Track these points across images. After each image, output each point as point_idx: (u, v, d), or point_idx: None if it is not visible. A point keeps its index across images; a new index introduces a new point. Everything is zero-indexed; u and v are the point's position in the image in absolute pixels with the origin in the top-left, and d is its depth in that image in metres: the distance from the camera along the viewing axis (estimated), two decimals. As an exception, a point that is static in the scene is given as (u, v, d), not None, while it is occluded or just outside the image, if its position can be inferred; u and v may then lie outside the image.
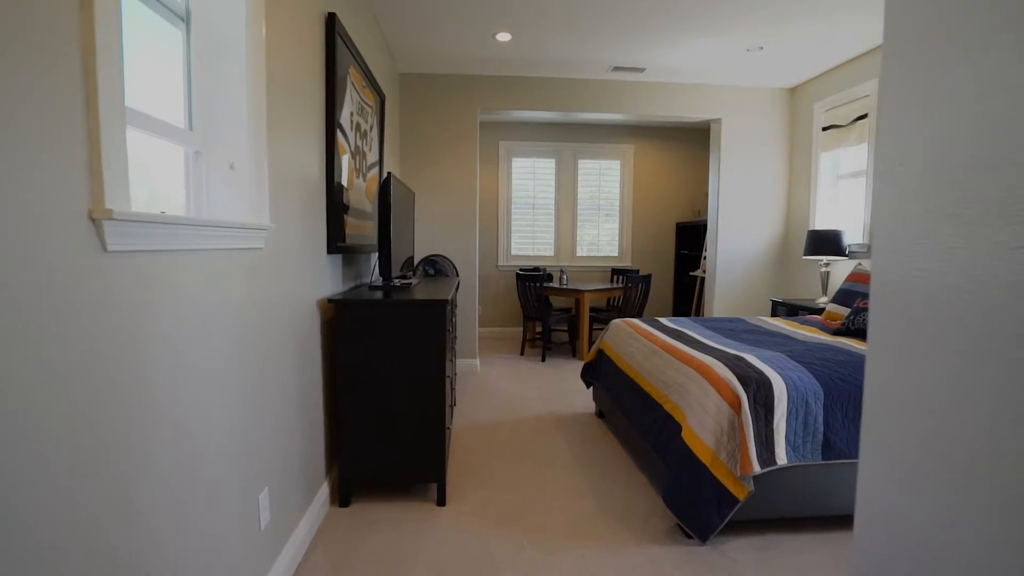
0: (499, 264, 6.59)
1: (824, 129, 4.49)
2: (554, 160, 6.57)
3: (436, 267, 4.34)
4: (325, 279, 2.34)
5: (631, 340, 3.01)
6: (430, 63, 4.35)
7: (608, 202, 6.70)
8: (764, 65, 4.29)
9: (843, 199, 4.42)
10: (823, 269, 4.14)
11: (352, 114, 2.72)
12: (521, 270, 5.99)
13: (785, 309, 4.28)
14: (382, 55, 3.70)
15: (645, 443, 2.53)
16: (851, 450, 2.08)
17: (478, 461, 2.83)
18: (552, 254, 6.69)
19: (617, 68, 4.41)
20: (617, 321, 3.40)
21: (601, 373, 3.33)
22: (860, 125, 4.09)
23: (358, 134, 2.90)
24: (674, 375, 2.34)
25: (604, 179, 6.67)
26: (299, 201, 1.99)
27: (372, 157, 3.31)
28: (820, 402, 2.06)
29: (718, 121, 4.91)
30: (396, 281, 2.89)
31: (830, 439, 2.07)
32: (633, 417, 2.68)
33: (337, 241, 2.45)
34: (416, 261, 4.55)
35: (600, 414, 3.56)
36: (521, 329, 6.59)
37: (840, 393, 2.07)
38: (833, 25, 3.52)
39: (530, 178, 6.58)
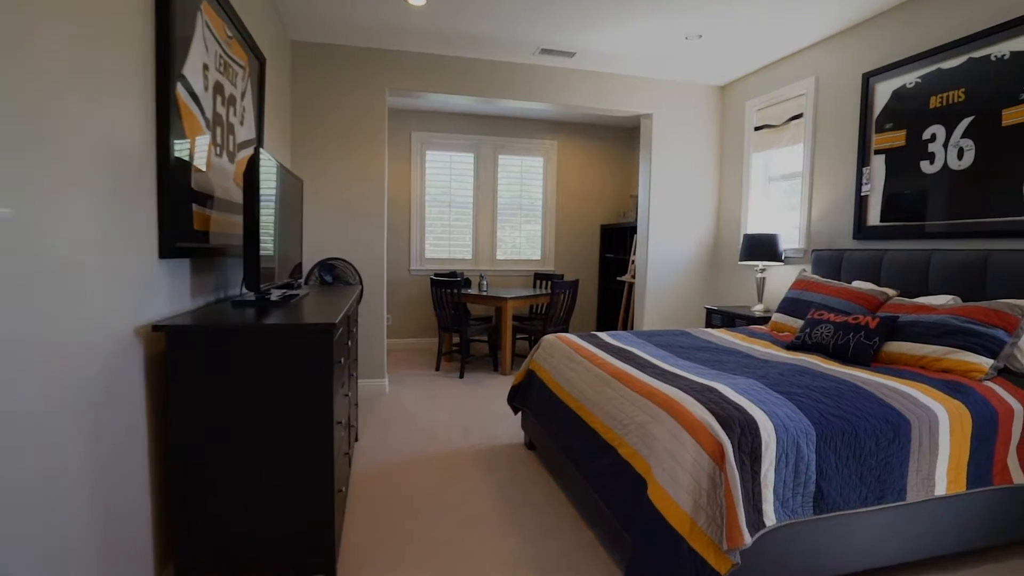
0: (412, 268, 5.93)
1: (756, 129, 4.30)
2: (473, 155, 6.03)
3: (335, 273, 3.64)
4: (155, 295, 1.63)
5: (569, 362, 2.53)
6: (330, 31, 3.65)
7: (530, 202, 6.27)
8: (699, 58, 4.01)
9: (774, 201, 4.25)
10: (759, 275, 3.93)
11: (207, 68, 2.01)
12: (436, 275, 5.38)
13: (721, 318, 4.03)
14: (264, 11, 2.97)
15: (593, 493, 2.04)
16: (846, 500, 1.71)
17: (383, 523, 2.22)
18: (470, 257, 6.14)
19: (545, 51, 3.95)
20: (550, 338, 2.91)
21: (532, 398, 2.82)
22: (795, 125, 3.92)
23: (220, 99, 2.19)
24: (632, 412, 1.87)
25: (526, 177, 6.22)
26: (95, 178, 1.29)
27: (245, 134, 2.59)
28: (812, 444, 1.67)
29: (649, 116, 4.60)
30: (276, 294, 2.21)
31: (823, 489, 1.68)
32: (576, 458, 2.19)
33: (179, 240, 1.75)
34: (309, 267, 3.82)
35: (530, 445, 3.06)
36: (436, 340, 5.97)
37: (833, 432, 1.70)
38: (775, 16, 3.27)
39: (446, 173, 5.99)
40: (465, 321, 4.80)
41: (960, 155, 2.80)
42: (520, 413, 3.15)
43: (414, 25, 3.55)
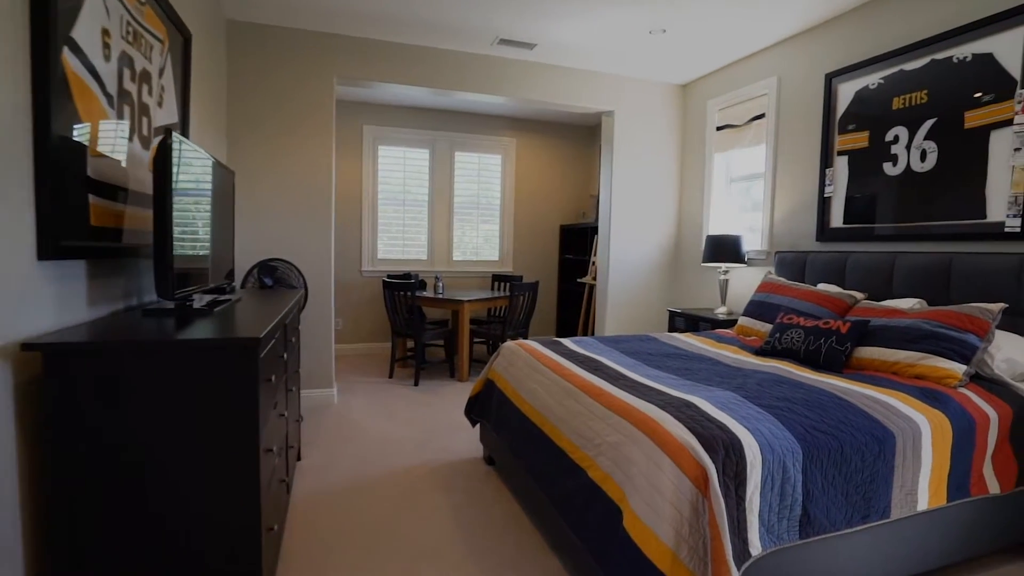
0: (364, 269, 5.62)
1: (718, 129, 4.25)
2: (428, 151, 5.77)
3: (276, 276, 3.33)
4: (32, 305, 1.33)
5: (532, 372, 2.33)
6: (271, 10, 3.33)
7: (488, 200, 6.06)
8: (661, 54, 3.91)
9: (736, 202, 4.20)
10: (722, 277, 3.86)
11: (108, 35, 1.71)
12: (389, 277, 5.10)
13: (684, 321, 3.94)
14: (188, -20, 2.64)
15: (560, 518, 1.86)
16: (832, 521, 1.58)
17: (326, 562, 1.96)
18: (426, 258, 5.88)
19: (505, 41, 3.76)
20: (510, 345, 2.71)
21: (492, 410, 2.62)
22: (757, 125, 3.87)
23: (129, 74, 1.88)
24: (603, 430, 1.69)
25: (484, 175, 6.01)
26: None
27: (165, 117, 2.27)
28: (799, 463, 1.53)
29: (611, 114, 4.48)
30: (201, 300, 1.92)
31: (809, 511, 1.55)
32: (541, 478, 2.00)
33: (67, 238, 1.45)
34: (247, 269, 3.49)
35: (490, 460, 2.85)
36: (390, 345, 5.68)
37: (820, 448, 1.57)
38: (739, 13, 3.18)
39: (400, 170, 5.71)
40: (420, 325, 4.55)
41: (923, 157, 2.78)
42: (479, 425, 2.94)
43: (365, 8, 3.28)
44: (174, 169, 1.55)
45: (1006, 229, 2.45)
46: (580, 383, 1.99)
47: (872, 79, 3.03)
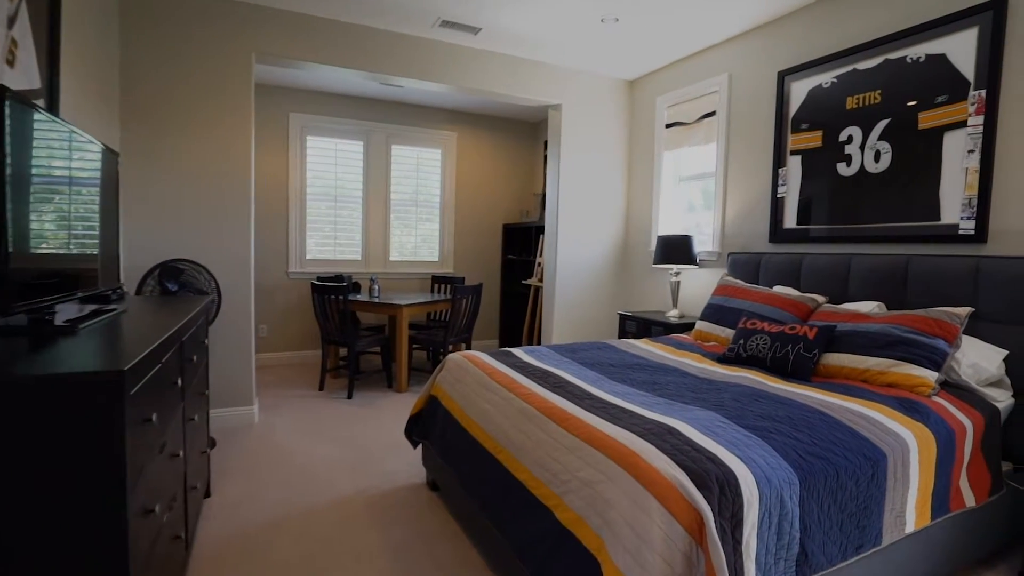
0: (290, 271, 5.13)
1: (668, 126, 4.13)
2: (362, 143, 5.36)
3: (182, 279, 2.86)
4: None
5: (483, 390, 2.05)
6: (168, -31, 2.86)
7: (427, 198, 5.71)
8: (612, 46, 3.74)
9: (686, 202, 4.10)
10: (673, 279, 3.73)
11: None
12: (319, 279, 4.66)
13: (636, 324, 3.78)
14: (61, -79, 2.16)
15: (521, 565, 1.59)
16: (828, 557, 1.41)
17: (233, 630, 1.60)
18: (360, 258, 5.46)
19: (447, 24, 3.45)
20: (456, 358, 2.42)
21: (436, 432, 2.31)
22: (707, 123, 3.77)
23: (-40, 19, 1.44)
24: (573, 463, 1.44)
25: (423, 170, 5.66)
26: None
27: (21, 81, 1.81)
28: (796, 496, 1.35)
29: (558, 108, 4.27)
30: (68, 311, 1.51)
31: (807, 548, 1.37)
32: (497, 515, 1.73)
33: None
34: (144, 272, 3.00)
35: (434, 486, 2.54)
36: (320, 353, 5.21)
37: (815, 476, 1.39)
38: (691, 5, 3.06)
39: (331, 163, 5.25)
40: (354, 332, 4.15)
41: (877, 158, 2.74)
42: (421, 445, 2.63)
43: (285, -27, 2.88)
44: (9, 141, 1.15)
45: (960, 231, 2.43)
46: (541, 404, 1.73)
47: (825, 78, 2.97)
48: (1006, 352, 2.12)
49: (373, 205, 5.44)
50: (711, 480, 1.23)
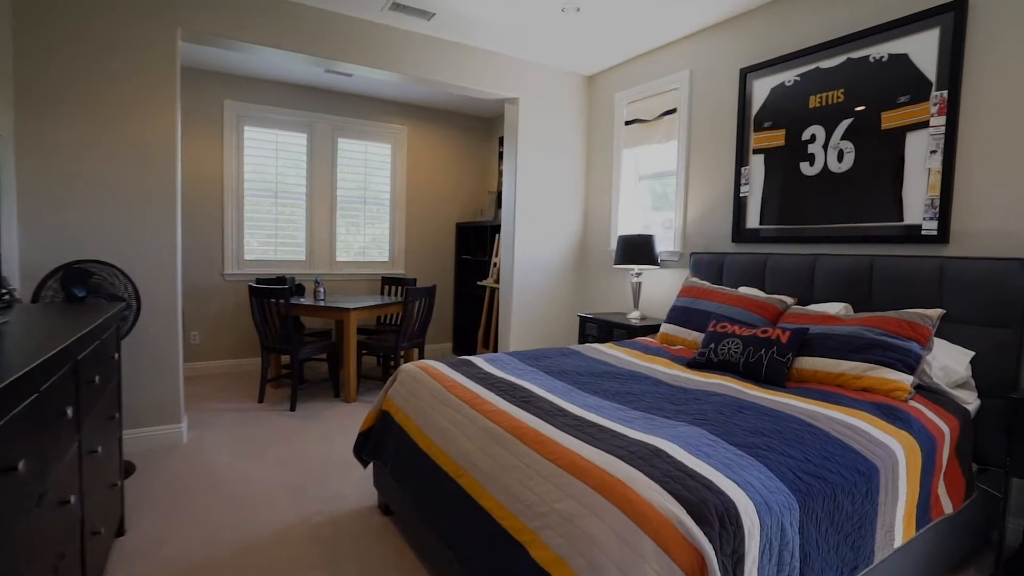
0: (227, 273, 4.73)
1: (627, 123, 4.04)
2: (306, 135, 5.01)
3: (91, 284, 2.50)
4: None
5: (442, 406, 1.85)
6: (73, -73, 2.49)
7: (376, 195, 5.42)
8: (570, 39, 3.60)
9: (646, 201, 4.02)
10: (634, 279, 3.63)
11: None
12: (258, 281, 4.31)
13: (597, 327, 3.66)
14: None
15: (488, 606, 1.40)
16: (825, 587, 1.29)
17: None
18: (304, 259, 5.11)
19: (397, 6, 3.21)
20: (410, 369, 2.20)
21: (389, 450, 2.09)
22: (668, 120, 3.69)
23: None
24: (549, 493, 1.27)
25: (372, 166, 5.37)
26: None
27: None
28: (795, 522, 1.22)
29: (514, 102, 4.10)
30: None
31: (805, 578, 1.24)
32: (461, 550, 1.53)
33: None
34: (43, 276, 2.61)
35: (387, 509, 2.31)
36: (260, 362, 4.83)
37: (814, 498, 1.27)
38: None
39: (271, 156, 4.88)
40: (297, 338, 3.84)
41: (840, 157, 2.71)
42: (373, 464, 2.39)
43: (214, -60, 2.57)
44: None
45: (923, 232, 2.42)
46: (509, 423, 1.54)
47: (788, 76, 2.93)
48: (973, 353, 2.11)
49: (318, 202, 5.10)
50: (710, 512, 1.08)
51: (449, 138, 5.75)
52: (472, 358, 2.34)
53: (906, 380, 1.90)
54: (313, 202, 5.07)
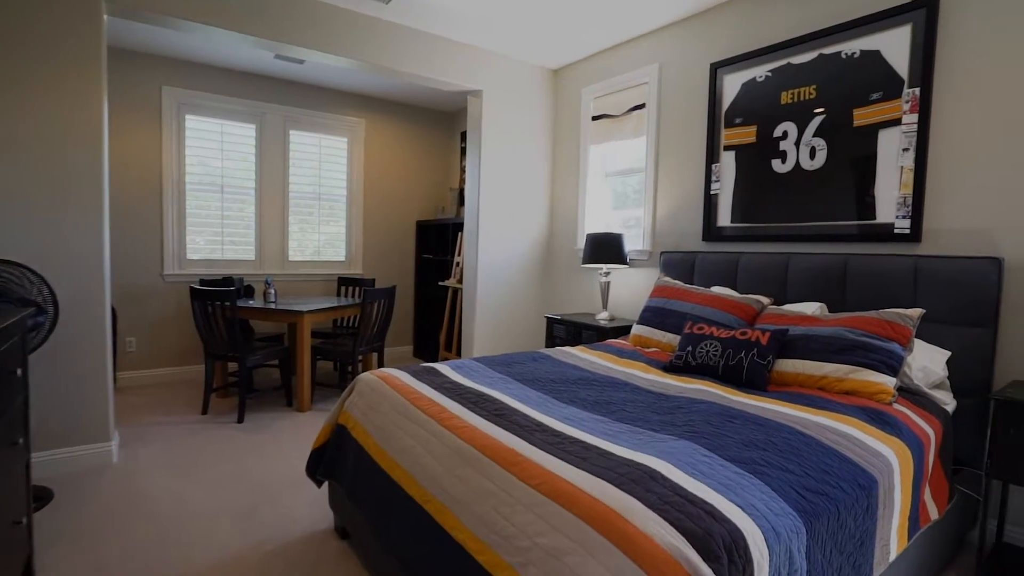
0: (167, 273, 4.37)
1: (594, 119, 3.93)
2: (255, 126, 4.69)
3: (-1, 284, 2.18)
4: None
5: (405, 420, 1.67)
6: None
7: (332, 191, 5.15)
8: (537, 29, 3.46)
9: (614, 198, 3.93)
10: (603, 279, 3.53)
11: None
12: (202, 282, 3.99)
13: (565, 329, 3.54)
14: None
15: (461, 650, 1.23)
16: (830, 614, 1.19)
17: None
18: (253, 258, 4.79)
19: (352, -13, 2.99)
20: (369, 379, 2.01)
21: (346, 469, 1.89)
22: (637, 116, 3.60)
23: None
24: (530, 524, 1.11)
25: (327, 160, 5.09)
26: None
27: None
28: (803, 547, 1.11)
29: (478, 94, 3.93)
30: None
31: (811, 608, 1.13)
32: (427, 583, 1.36)
33: None
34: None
35: (343, 532, 2.11)
36: (204, 370, 4.47)
37: (819, 518, 1.16)
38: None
39: (217, 147, 4.55)
40: (245, 344, 3.55)
41: (812, 155, 2.67)
42: (328, 484, 2.18)
43: (143, -99, 2.30)
44: None
45: (895, 231, 2.39)
46: (482, 442, 1.38)
47: (759, 71, 2.88)
48: (949, 353, 2.08)
49: (269, 198, 4.79)
50: (717, 545, 0.95)
51: (409, 132, 5.53)
52: (437, 365, 2.16)
53: (889, 382, 1.84)
54: (263, 198, 4.76)
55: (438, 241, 5.49)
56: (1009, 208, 2.09)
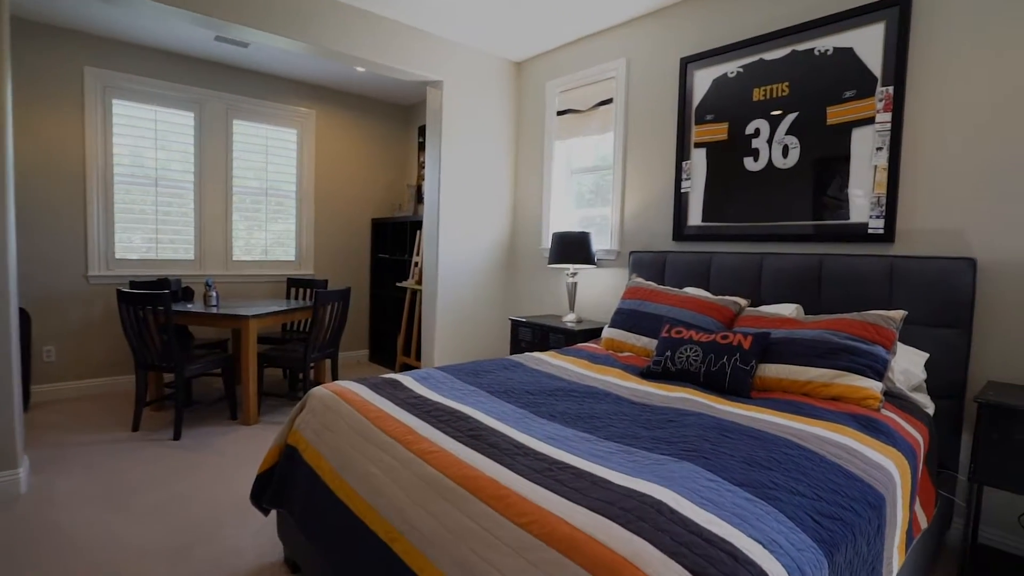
0: (92, 275, 3.95)
1: (560, 113, 3.80)
2: (193, 115, 4.32)
3: None
4: None
5: (364, 443, 1.47)
6: None
7: (280, 186, 4.82)
8: (500, 19, 3.29)
9: (580, 196, 3.81)
10: (570, 280, 3.40)
11: None
12: (133, 284, 3.63)
13: (531, 332, 3.39)
14: None
15: None
16: (848, 653, 1.08)
17: None
18: (192, 258, 4.41)
19: (301, -38, 2.74)
20: (322, 394, 1.79)
21: (297, 495, 1.67)
22: (604, 111, 3.49)
23: None
24: (522, 573, 0.94)
25: (275, 154, 4.76)
26: None
27: None
28: (825, 585, 0.99)
29: (438, 85, 3.73)
30: None
31: (831, 650, 1.02)
32: (394, 635, 1.17)
33: None
34: None
35: (294, 566, 1.88)
36: (135, 382, 4.06)
37: (837, 547, 1.05)
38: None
39: (150, 136, 4.15)
40: (182, 352, 3.23)
41: (785, 153, 2.62)
42: (276, 511, 1.95)
43: None
44: None
45: (869, 231, 2.36)
46: (458, 470, 1.20)
47: (731, 67, 2.81)
48: (927, 355, 2.05)
49: (210, 192, 4.42)
50: (745, 596, 0.81)
51: (364, 126, 5.25)
52: (399, 377, 1.96)
53: (876, 387, 1.78)
54: (204, 192, 4.39)
55: (395, 240, 5.24)
56: (980, 209, 2.08)
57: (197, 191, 4.37)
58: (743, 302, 2.44)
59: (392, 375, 1.98)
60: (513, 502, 1.05)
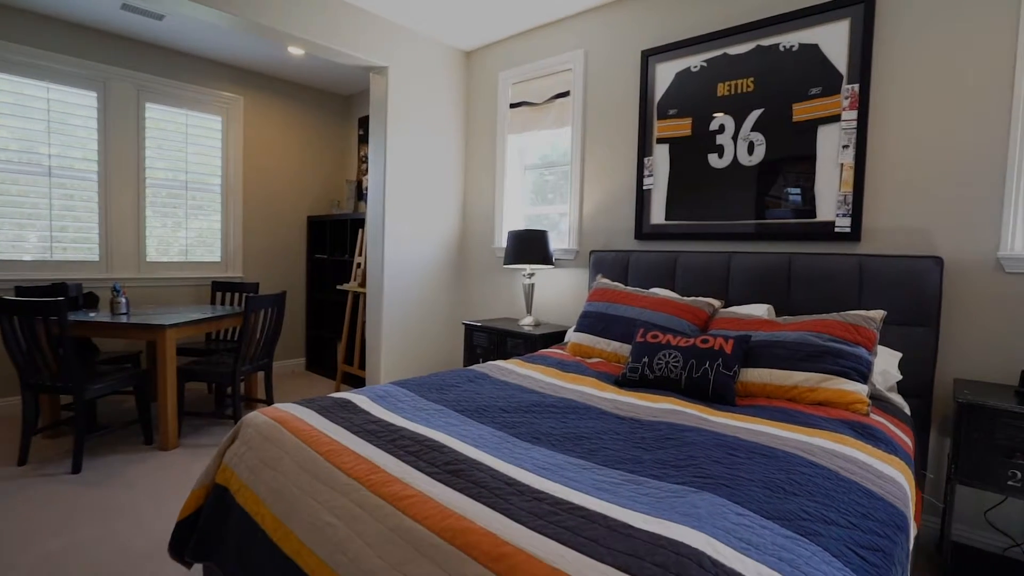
0: (-33, 279, 3.36)
1: (513, 106, 3.62)
2: (96, 95, 3.79)
3: None
4: None
5: (313, 483, 1.22)
6: None
7: (203, 179, 4.34)
8: (448, 4, 3.07)
9: (535, 193, 3.64)
10: (527, 281, 3.23)
11: None
12: (19, 290, 3.11)
13: (487, 337, 3.18)
14: None
15: None
16: None
17: None
18: (97, 259, 3.88)
19: (226, -80, 2.40)
20: (260, 421, 1.51)
21: (228, 547, 1.38)
22: (560, 104, 3.34)
23: None
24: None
25: (196, 142, 4.28)
26: None
27: None
28: (884, 637, 0.85)
29: (383, 71, 3.45)
30: None
31: None
32: None
33: None
34: None
35: (228, 624, 1.58)
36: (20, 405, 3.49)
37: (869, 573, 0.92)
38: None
39: (42, 119, 3.60)
40: (83, 369, 2.77)
41: (751, 149, 2.56)
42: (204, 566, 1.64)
43: None
44: None
45: (836, 229, 2.33)
46: (440, 521, 0.98)
47: (694, 61, 2.73)
48: (901, 355, 2.02)
49: (118, 184, 3.90)
50: None
51: (299, 115, 4.85)
52: (353, 397, 1.70)
53: (863, 391, 1.72)
54: (111, 185, 3.87)
55: (334, 239, 4.88)
56: (944, 207, 2.08)
57: (102, 183, 3.84)
58: (716, 303, 2.35)
59: (344, 395, 1.71)
60: (518, 563, 0.85)
